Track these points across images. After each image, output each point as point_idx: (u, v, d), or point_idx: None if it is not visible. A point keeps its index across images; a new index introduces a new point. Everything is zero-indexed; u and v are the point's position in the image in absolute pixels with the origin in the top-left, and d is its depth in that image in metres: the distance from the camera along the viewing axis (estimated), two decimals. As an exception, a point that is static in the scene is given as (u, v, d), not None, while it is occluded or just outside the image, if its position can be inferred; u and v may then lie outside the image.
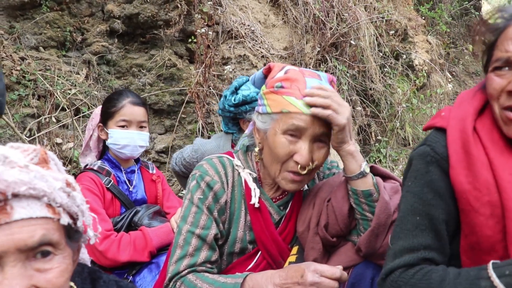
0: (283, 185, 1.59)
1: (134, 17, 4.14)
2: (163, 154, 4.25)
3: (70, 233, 1.02)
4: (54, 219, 0.96)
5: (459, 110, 1.37)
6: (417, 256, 1.32)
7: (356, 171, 1.56)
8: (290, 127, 1.51)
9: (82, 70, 4.08)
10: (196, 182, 1.63)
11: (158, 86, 4.24)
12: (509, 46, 1.24)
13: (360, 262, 1.62)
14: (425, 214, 1.34)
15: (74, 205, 1.01)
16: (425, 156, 1.36)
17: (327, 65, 5.04)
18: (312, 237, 1.64)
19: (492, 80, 1.29)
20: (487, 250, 1.28)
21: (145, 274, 2.17)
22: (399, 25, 5.96)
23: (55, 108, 3.76)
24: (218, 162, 1.69)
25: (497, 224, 1.25)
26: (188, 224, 1.60)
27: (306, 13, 5.08)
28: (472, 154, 1.28)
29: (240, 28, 4.59)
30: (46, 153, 1.01)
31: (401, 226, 1.38)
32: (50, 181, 0.96)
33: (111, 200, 2.31)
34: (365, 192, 1.56)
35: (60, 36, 4.02)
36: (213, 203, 1.61)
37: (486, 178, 1.25)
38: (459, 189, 1.29)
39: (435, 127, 1.41)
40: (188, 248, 1.56)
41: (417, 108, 5.82)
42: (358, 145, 5.09)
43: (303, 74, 1.57)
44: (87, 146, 2.46)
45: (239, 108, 2.59)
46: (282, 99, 1.54)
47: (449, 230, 1.35)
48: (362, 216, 1.59)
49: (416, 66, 6.07)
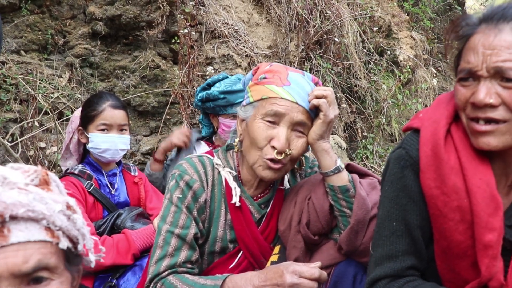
0: (259, 172, 1.59)
1: (116, 18, 4.11)
2: (148, 156, 4.23)
3: (69, 257, 1.00)
4: (52, 243, 0.93)
5: (435, 112, 1.35)
6: (399, 265, 1.32)
7: (331, 167, 1.59)
8: (268, 112, 1.55)
9: (64, 73, 4.05)
10: (175, 182, 1.63)
11: (142, 87, 4.22)
12: (471, 57, 1.22)
13: (342, 260, 1.64)
14: (401, 219, 1.34)
15: (74, 228, 0.99)
16: (400, 160, 1.35)
17: (311, 63, 5.05)
18: (293, 235, 1.65)
19: (458, 91, 1.27)
20: (459, 255, 1.27)
21: (129, 277, 2.16)
22: (383, 21, 5.99)
23: (38, 112, 3.72)
24: (197, 161, 1.69)
25: (468, 229, 1.24)
26: (168, 224, 1.59)
27: (289, 11, 5.09)
28: (441, 158, 1.26)
29: (224, 28, 4.58)
30: (47, 174, 0.99)
31: (379, 232, 1.39)
32: (50, 203, 0.93)
33: (93, 204, 2.30)
34: (342, 187, 1.58)
35: (42, 39, 3.97)
36: (192, 202, 1.61)
37: (454, 183, 1.24)
38: (428, 193, 1.29)
39: (413, 128, 1.39)
40: (168, 248, 1.56)
41: (403, 104, 5.85)
42: (345, 142, 5.11)
43: (286, 68, 1.64)
44: (67, 149, 2.44)
45: (204, 104, 2.79)
46: (263, 88, 1.59)
47: (425, 235, 1.35)
48: (341, 213, 1.60)
49: (401, 62, 6.10)
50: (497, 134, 1.20)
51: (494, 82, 1.19)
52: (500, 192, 1.26)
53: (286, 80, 1.58)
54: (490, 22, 1.21)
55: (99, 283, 2.19)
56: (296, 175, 1.90)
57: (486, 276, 1.22)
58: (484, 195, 1.21)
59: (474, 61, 1.20)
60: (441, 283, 1.35)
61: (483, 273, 1.21)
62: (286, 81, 1.58)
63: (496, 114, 1.18)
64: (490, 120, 1.19)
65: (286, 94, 1.55)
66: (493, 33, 1.19)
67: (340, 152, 4.79)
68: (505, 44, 1.16)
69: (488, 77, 1.19)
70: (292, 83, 1.58)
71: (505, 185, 1.32)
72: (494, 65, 1.16)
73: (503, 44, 1.16)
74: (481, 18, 1.24)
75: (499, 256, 1.22)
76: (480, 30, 1.23)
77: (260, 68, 1.68)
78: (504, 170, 1.30)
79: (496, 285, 1.22)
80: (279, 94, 1.55)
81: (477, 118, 1.22)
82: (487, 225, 1.20)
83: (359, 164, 5.24)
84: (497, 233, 1.20)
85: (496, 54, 1.16)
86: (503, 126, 1.19)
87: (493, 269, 1.21)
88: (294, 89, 1.57)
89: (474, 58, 1.20)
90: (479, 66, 1.19)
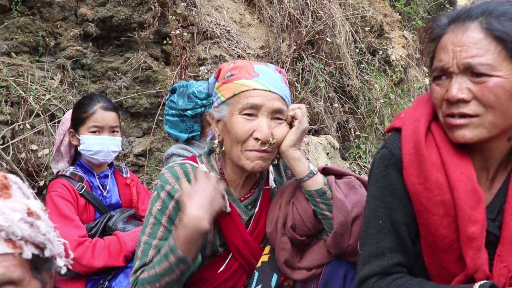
0: (247, 166, 1.59)
1: (107, 20, 4.10)
2: (141, 158, 4.23)
3: (37, 264, 0.94)
4: (15, 254, 0.88)
5: (415, 111, 1.40)
6: (387, 262, 1.35)
7: (305, 172, 1.61)
8: (245, 106, 1.56)
9: (56, 75, 4.03)
10: (157, 193, 1.63)
11: (134, 89, 4.21)
12: (442, 55, 1.28)
13: (332, 259, 1.65)
14: (387, 217, 1.37)
15: (39, 234, 0.92)
16: (384, 159, 1.39)
17: (303, 63, 5.06)
18: (280, 237, 1.65)
19: (433, 90, 1.33)
20: (445, 249, 1.30)
21: (121, 279, 2.16)
22: (375, 21, 6.01)
23: (29, 115, 3.70)
24: (179, 169, 1.68)
25: (452, 223, 1.28)
26: (146, 235, 1.60)
27: (281, 11, 5.10)
28: (422, 155, 1.30)
29: (216, 29, 4.59)
30: (6, 178, 0.93)
31: (366, 231, 1.42)
32: (7, 213, 0.87)
33: (85, 206, 2.30)
34: (318, 191, 1.60)
35: (33, 41, 3.95)
36: (174, 212, 1.60)
37: (436, 178, 1.28)
38: (412, 190, 1.32)
39: (395, 128, 1.43)
40: (146, 260, 1.57)
41: (395, 103, 5.88)
42: (338, 142, 5.12)
43: (250, 62, 1.66)
44: (58, 151, 2.43)
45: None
46: (233, 84, 1.60)
47: (411, 231, 1.38)
48: (322, 216, 1.61)
49: (393, 62, 6.12)
50: (471, 127, 1.24)
51: (465, 78, 1.24)
52: (482, 187, 1.30)
53: (254, 72, 1.60)
54: (457, 21, 1.28)
55: (91, 285, 2.18)
56: (282, 174, 1.90)
57: (472, 268, 1.25)
58: (466, 189, 1.25)
59: (445, 58, 1.26)
60: (430, 279, 1.37)
61: (468, 265, 1.25)
62: (254, 73, 1.60)
63: (468, 109, 1.23)
64: (465, 115, 1.25)
65: (258, 85, 1.57)
66: (461, 31, 1.25)
67: (333, 152, 4.80)
68: (473, 40, 1.22)
69: (459, 73, 1.24)
70: (260, 73, 1.60)
71: (486, 180, 1.36)
72: (464, 61, 1.22)
73: (470, 41, 1.23)
74: (450, 19, 1.31)
75: (483, 248, 1.26)
76: (449, 30, 1.29)
77: (222, 68, 1.69)
78: (484, 165, 1.35)
79: (482, 276, 1.25)
80: (251, 86, 1.57)
81: (452, 114, 1.27)
82: (470, 217, 1.23)
83: (352, 164, 5.26)
84: (480, 225, 1.24)
85: (465, 50, 1.22)
86: (476, 120, 1.24)
87: (478, 260, 1.24)
88: (264, 79, 1.59)
89: (445, 55, 1.26)
90: (450, 63, 1.25)
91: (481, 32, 1.22)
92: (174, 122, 2.59)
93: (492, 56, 1.21)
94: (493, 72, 1.20)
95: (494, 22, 1.22)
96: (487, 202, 1.33)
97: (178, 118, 2.56)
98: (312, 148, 4.42)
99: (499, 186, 1.36)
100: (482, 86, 1.22)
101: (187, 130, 2.57)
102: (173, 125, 2.60)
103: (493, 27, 1.21)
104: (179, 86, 2.58)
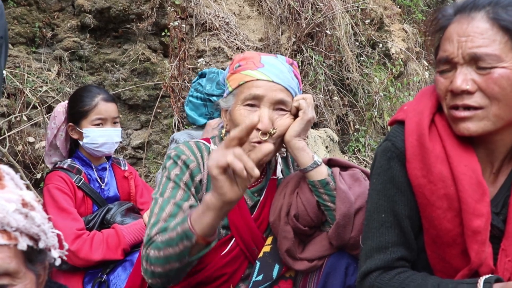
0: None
1: (105, 11, 4.06)
2: (139, 150, 4.20)
3: (31, 256, 0.93)
4: (10, 246, 0.87)
5: (418, 104, 1.38)
6: (389, 256, 1.33)
7: (309, 162, 1.61)
8: (247, 96, 1.58)
9: (53, 67, 4.00)
10: (173, 161, 1.63)
11: (132, 81, 4.18)
12: (447, 46, 1.26)
13: (334, 251, 1.64)
14: (389, 210, 1.35)
15: (33, 225, 0.91)
16: (387, 151, 1.37)
17: (303, 56, 5.03)
18: (283, 226, 1.65)
19: (438, 81, 1.31)
20: (449, 243, 1.29)
21: (120, 272, 2.15)
22: (375, 14, 5.97)
23: (26, 106, 3.68)
24: (194, 145, 1.71)
25: (456, 217, 1.26)
26: (165, 197, 1.57)
27: (280, 3, 5.06)
28: (426, 147, 1.28)
29: (215, 20, 4.55)
30: None
31: (368, 225, 1.40)
32: (2, 204, 0.86)
33: (83, 198, 2.27)
34: (322, 181, 1.59)
35: (29, 32, 3.92)
36: (190, 180, 1.61)
37: (440, 171, 1.26)
38: (415, 183, 1.31)
39: (398, 121, 1.41)
40: (162, 214, 1.52)
41: (395, 97, 5.86)
42: (337, 135, 5.11)
43: (259, 53, 1.67)
44: (50, 145, 2.39)
45: None
46: (239, 75, 1.62)
47: (414, 225, 1.36)
48: (325, 207, 1.61)
49: (393, 55, 6.09)
50: (476, 120, 1.23)
51: (470, 69, 1.22)
52: (486, 180, 1.28)
53: (260, 63, 1.62)
54: (463, 11, 1.26)
55: (89, 278, 2.17)
56: (290, 166, 1.91)
57: (476, 262, 1.23)
58: (470, 182, 1.23)
59: (450, 48, 1.24)
60: (433, 274, 1.36)
61: (473, 259, 1.23)
62: (259, 64, 1.61)
63: (472, 101, 1.22)
64: (469, 107, 1.23)
65: (261, 75, 1.58)
66: (466, 21, 1.23)
67: (332, 145, 4.78)
68: (478, 30, 1.21)
69: (464, 64, 1.23)
70: (266, 64, 1.61)
71: (491, 173, 1.34)
72: (469, 51, 1.20)
73: (476, 31, 1.21)
74: (456, 9, 1.29)
75: (488, 242, 1.24)
76: (455, 20, 1.27)
77: (234, 59, 1.72)
78: (489, 158, 1.33)
79: (487, 271, 1.24)
80: (254, 76, 1.58)
81: (456, 106, 1.25)
82: (474, 211, 1.22)
83: (351, 157, 5.25)
84: (485, 219, 1.22)
85: (470, 40, 1.21)
86: (481, 112, 1.22)
87: (482, 254, 1.22)
88: (268, 70, 1.60)
89: (450, 46, 1.25)
90: (455, 53, 1.23)
91: (487, 22, 1.21)
92: (196, 105, 2.69)
93: (498, 47, 1.19)
94: (498, 63, 1.19)
95: (501, 12, 1.20)
96: (492, 195, 1.31)
97: (201, 102, 2.66)
98: (311, 141, 4.40)
99: (503, 180, 1.34)
100: (487, 77, 1.20)
101: (207, 116, 2.67)
102: (195, 107, 2.70)
103: (500, 17, 1.20)
104: (209, 72, 2.68)
